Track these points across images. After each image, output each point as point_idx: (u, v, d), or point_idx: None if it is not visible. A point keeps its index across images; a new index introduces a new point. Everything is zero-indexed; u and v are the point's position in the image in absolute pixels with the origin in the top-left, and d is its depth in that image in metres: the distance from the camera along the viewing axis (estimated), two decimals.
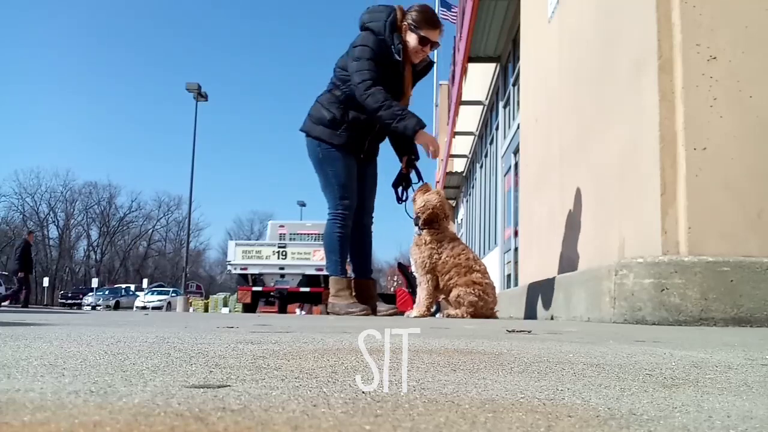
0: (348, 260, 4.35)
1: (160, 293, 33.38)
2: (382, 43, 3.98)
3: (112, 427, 0.47)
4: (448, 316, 4.06)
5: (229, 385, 0.68)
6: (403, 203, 4.34)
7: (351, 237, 4.25)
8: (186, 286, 31.20)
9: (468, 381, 0.76)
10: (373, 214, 4.46)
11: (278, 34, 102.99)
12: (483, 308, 3.95)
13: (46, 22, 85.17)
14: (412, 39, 4.04)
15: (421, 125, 3.89)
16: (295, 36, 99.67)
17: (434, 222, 4.08)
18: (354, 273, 4.40)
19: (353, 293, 4.16)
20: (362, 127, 4.14)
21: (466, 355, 1.11)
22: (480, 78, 12.90)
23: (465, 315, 3.90)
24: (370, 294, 4.30)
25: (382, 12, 4.04)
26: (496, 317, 4.11)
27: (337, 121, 4.10)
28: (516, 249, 8.11)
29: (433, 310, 4.17)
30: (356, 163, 4.25)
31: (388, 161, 4.58)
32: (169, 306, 28.16)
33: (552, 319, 4.22)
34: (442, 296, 4.16)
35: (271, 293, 17.09)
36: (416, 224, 4.16)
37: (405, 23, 4.04)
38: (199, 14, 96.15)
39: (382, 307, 4.21)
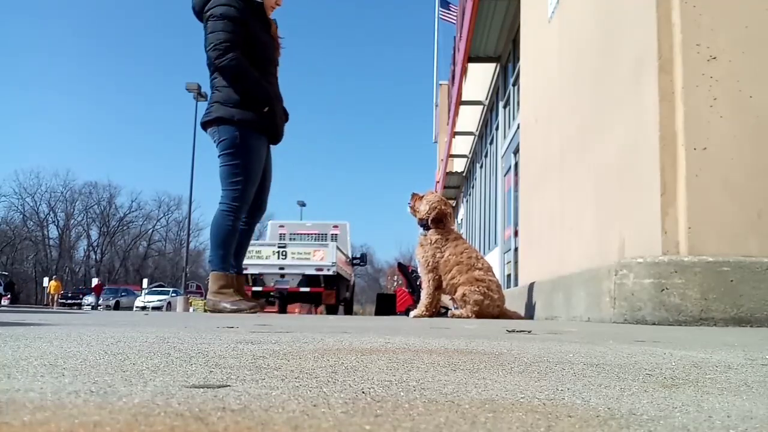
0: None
1: (160, 293, 33.32)
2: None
3: (112, 427, 0.47)
4: (453, 316, 4.04)
5: (229, 385, 0.68)
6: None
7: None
8: (186, 286, 31.19)
9: (468, 381, 0.76)
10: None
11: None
12: (489, 307, 3.91)
13: (45, 22, 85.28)
14: None
15: (271, 94, 4.02)
16: (294, 35, 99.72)
17: (441, 220, 4.13)
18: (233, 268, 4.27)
19: (237, 290, 4.09)
20: (277, 103, 4.13)
21: (466, 355, 1.11)
22: (480, 78, 12.89)
23: (470, 315, 3.87)
24: (243, 289, 4.29)
25: None
26: (508, 315, 4.06)
27: (260, 101, 4.01)
28: (516, 249, 8.10)
29: (433, 310, 4.15)
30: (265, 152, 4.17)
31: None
32: (169, 306, 28.12)
33: (552, 319, 4.21)
34: (450, 297, 4.15)
35: (271, 293, 17.06)
36: (422, 225, 4.20)
37: None
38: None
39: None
